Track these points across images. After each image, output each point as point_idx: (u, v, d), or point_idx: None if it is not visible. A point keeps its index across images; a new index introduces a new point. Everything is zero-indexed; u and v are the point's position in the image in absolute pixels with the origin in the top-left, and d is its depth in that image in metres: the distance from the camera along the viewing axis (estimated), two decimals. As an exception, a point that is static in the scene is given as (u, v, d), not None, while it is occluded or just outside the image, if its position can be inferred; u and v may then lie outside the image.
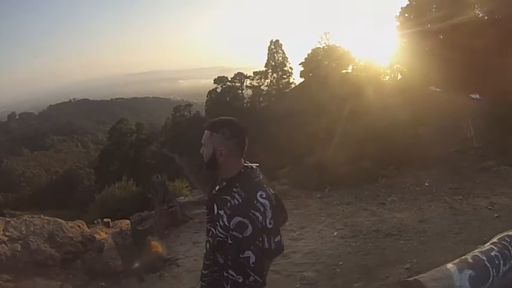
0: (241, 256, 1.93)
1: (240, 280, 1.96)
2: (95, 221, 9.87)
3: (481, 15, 32.45)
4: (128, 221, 10.14)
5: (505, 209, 5.95)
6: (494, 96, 19.34)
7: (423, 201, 7.66)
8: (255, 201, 1.93)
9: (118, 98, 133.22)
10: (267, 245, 1.96)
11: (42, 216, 5.47)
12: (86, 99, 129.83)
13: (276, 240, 2.00)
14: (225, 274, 2.04)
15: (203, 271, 2.27)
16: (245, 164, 2.11)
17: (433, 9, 34.37)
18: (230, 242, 1.97)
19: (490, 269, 2.84)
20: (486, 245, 3.22)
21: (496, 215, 5.72)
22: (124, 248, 5.28)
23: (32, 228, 5.04)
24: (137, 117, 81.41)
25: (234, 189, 2.02)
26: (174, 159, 53.43)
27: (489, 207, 6.14)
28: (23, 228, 4.99)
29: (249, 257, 1.92)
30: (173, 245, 6.57)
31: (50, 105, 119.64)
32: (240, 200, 1.97)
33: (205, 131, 2.12)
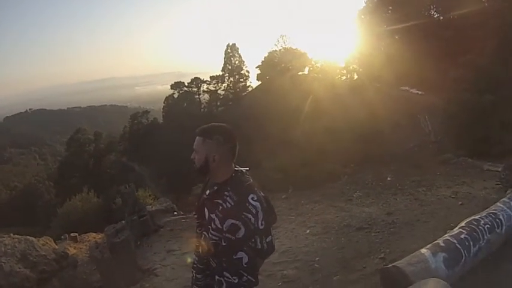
0: (234, 257, 1.98)
1: (236, 281, 2.01)
2: (62, 237, 9.51)
3: (436, 15, 33.76)
4: (95, 234, 9.90)
5: (467, 196, 6.27)
6: (449, 93, 20.18)
7: (388, 195, 7.88)
8: (247, 204, 1.98)
9: (75, 107, 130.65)
10: (259, 246, 2.01)
11: (12, 235, 5.22)
12: (43, 109, 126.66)
13: (267, 240, 2.05)
14: (218, 278, 2.08)
15: (197, 275, 2.32)
16: (235, 169, 2.16)
17: (389, 11, 35.44)
18: (224, 244, 2.02)
19: (462, 250, 3.04)
20: (455, 229, 3.44)
21: (460, 202, 6.02)
22: (102, 262, 5.15)
23: (3, 249, 4.76)
24: (95, 126, 79.42)
25: (225, 193, 2.06)
26: (133, 168, 52.51)
27: (452, 196, 6.45)
28: (-7, 250, 4.75)
29: (242, 257, 1.97)
30: (148, 255, 6.47)
31: (7, 117, 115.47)
32: (232, 203, 2.01)
33: (197, 137, 2.15)
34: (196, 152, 2.15)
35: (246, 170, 2.22)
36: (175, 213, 9.80)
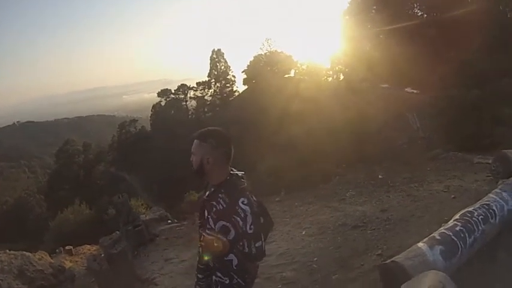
0: (225, 259, 2.05)
1: (227, 282, 2.09)
2: (57, 250, 9.44)
3: (420, 14, 34.14)
4: (89, 246, 9.82)
5: (459, 190, 6.34)
6: (436, 90, 20.42)
7: (381, 193, 7.91)
8: (237, 207, 2.04)
9: (63, 118, 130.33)
10: (246, 249, 2.05)
11: (8, 251, 5.15)
12: (31, 121, 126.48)
13: (257, 245, 2.08)
14: (214, 278, 2.16)
15: (198, 275, 2.37)
16: (231, 172, 2.22)
17: (373, 11, 35.77)
18: (215, 244, 2.06)
19: (458, 242, 3.09)
20: (450, 222, 3.49)
21: (452, 196, 6.07)
22: (101, 274, 5.11)
23: (-1, 266, 4.74)
24: (83, 136, 79.37)
25: (219, 195, 2.13)
26: (124, 178, 52.20)
27: (445, 190, 6.51)
28: (-10, 267, 4.68)
29: (232, 260, 2.04)
30: (145, 265, 6.45)
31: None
32: (224, 205, 2.08)
33: (195, 141, 2.22)
34: (193, 155, 2.22)
35: (242, 174, 2.28)
36: (169, 221, 9.79)
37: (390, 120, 22.26)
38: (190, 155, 2.25)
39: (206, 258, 2.06)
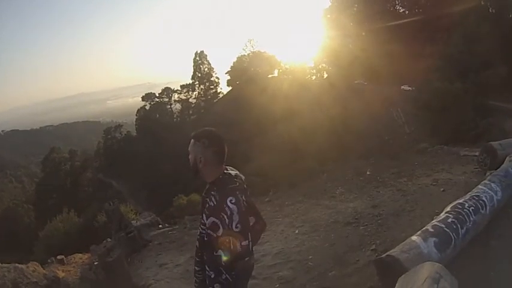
0: (214, 254, 2.13)
1: (212, 276, 2.18)
2: (49, 260, 9.29)
3: (402, 10, 34.50)
4: (81, 255, 9.69)
5: (448, 183, 6.43)
6: (419, 83, 20.67)
7: (370, 189, 7.96)
8: (225, 205, 2.13)
9: (47, 126, 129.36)
10: (232, 247, 2.11)
11: (0, 264, 5.09)
12: (15, 130, 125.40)
13: (243, 244, 2.14)
14: (206, 272, 2.25)
15: (195, 267, 2.47)
16: (224, 171, 2.32)
17: (355, 8, 36.01)
18: (205, 239, 2.22)
19: (450, 233, 3.17)
20: (441, 214, 3.57)
21: (441, 189, 6.17)
22: (98, 284, 5.07)
23: (-8, 280, 4.66)
24: (69, 143, 79.07)
25: (212, 192, 2.24)
26: (111, 184, 51.82)
27: (434, 184, 6.60)
28: (-18, 282, 4.60)
29: (221, 255, 2.11)
30: (140, 271, 6.38)
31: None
32: (215, 202, 2.19)
33: (191, 140, 2.33)
34: (190, 153, 2.34)
35: (236, 173, 2.38)
36: (160, 226, 9.70)
37: (375, 115, 22.44)
38: (175, 158, 2.34)
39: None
